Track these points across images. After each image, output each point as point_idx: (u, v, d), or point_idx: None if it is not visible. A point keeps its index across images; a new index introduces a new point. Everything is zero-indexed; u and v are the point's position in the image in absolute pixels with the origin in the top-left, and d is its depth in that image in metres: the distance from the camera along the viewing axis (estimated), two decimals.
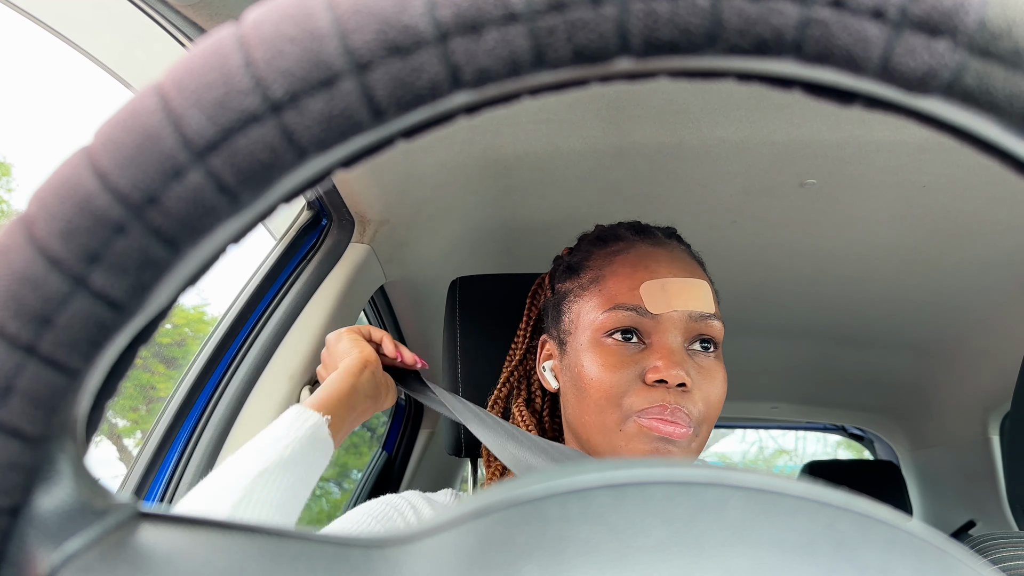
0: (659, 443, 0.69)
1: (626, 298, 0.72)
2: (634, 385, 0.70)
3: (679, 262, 0.75)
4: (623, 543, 0.17)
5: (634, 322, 0.71)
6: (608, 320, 0.72)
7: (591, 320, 0.73)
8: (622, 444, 0.70)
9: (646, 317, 0.71)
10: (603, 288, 0.74)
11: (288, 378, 1.03)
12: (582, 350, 0.74)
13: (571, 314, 0.77)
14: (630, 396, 0.70)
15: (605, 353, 0.71)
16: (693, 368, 0.71)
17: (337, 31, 0.17)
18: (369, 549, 0.19)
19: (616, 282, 0.73)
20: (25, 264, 0.17)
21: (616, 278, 0.74)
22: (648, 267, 0.73)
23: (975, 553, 0.73)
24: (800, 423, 2.70)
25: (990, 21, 0.17)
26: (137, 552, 0.18)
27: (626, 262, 0.74)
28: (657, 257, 0.74)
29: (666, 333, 0.71)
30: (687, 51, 0.17)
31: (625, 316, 0.71)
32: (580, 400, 0.73)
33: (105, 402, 0.21)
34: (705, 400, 0.71)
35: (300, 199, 0.20)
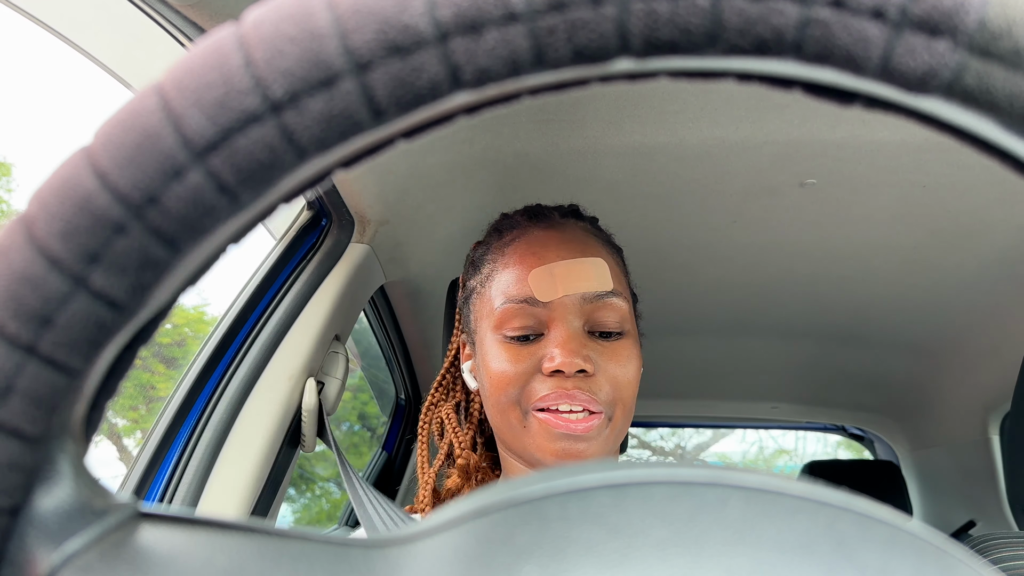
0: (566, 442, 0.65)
1: (516, 290, 0.69)
2: (532, 376, 0.68)
3: (571, 242, 0.71)
4: (623, 543, 0.17)
5: (527, 314, 0.68)
6: (502, 315, 0.69)
7: (488, 317, 0.71)
8: (528, 442, 0.68)
9: (538, 307, 0.68)
10: (497, 282, 0.71)
11: (288, 378, 1.03)
12: (484, 348, 0.72)
13: (475, 312, 0.75)
14: (529, 387, 0.67)
15: (502, 348, 0.69)
16: (596, 351, 0.68)
17: (337, 31, 0.17)
18: (369, 549, 0.19)
19: (507, 274, 0.71)
20: (25, 264, 0.17)
21: (507, 270, 0.71)
22: (536, 253, 0.70)
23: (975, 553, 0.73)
24: (800, 423, 2.70)
25: (990, 21, 0.17)
26: (137, 552, 0.18)
27: (516, 251, 0.72)
28: (547, 241, 0.71)
29: (561, 320, 0.68)
30: (687, 51, 0.17)
31: (517, 309, 0.68)
32: (487, 399, 0.72)
33: (105, 402, 0.21)
34: (612, 382, 0.68)
35: (300, 199, 0.20)
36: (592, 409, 0.66)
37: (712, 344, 1.96)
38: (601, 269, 0.69)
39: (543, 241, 0.71)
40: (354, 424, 2.79)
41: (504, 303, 0.69)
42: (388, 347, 1.62)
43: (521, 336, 0.69)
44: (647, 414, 2.51)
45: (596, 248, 0.73)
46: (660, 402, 2.41)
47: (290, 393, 1.03)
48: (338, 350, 1.14)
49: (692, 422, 3.21)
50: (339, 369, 1.13)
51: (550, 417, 0.66)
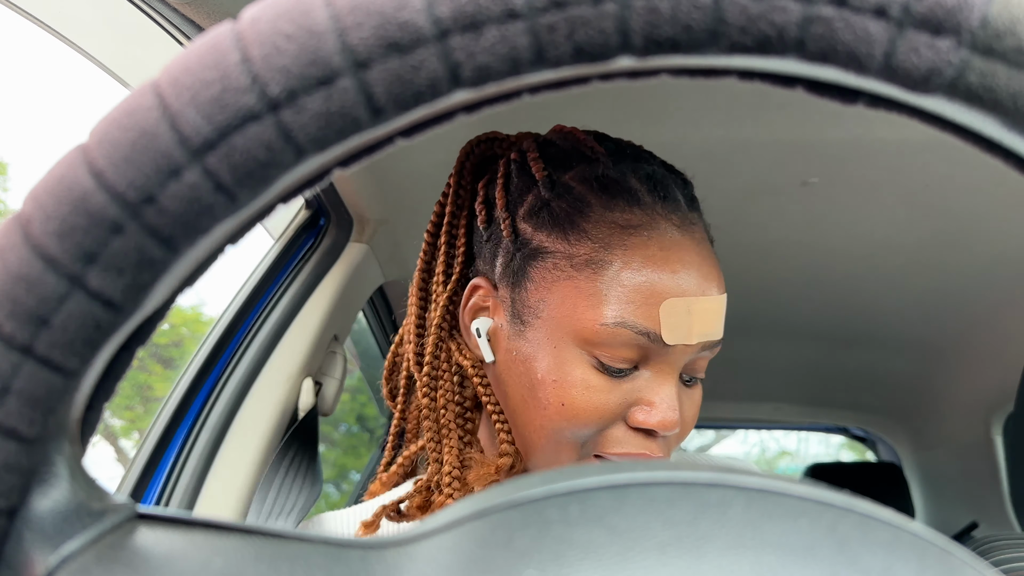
0: None
1: (640, 317, 0.52)
2: (613, 423, 0.54)
3: (707, 263, 0.56)
4: (624, 546, 0.17)
5: (638, 347, 0.53)
6: (607, 337, 0.53)
7: (579, 320, 0.54)
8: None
9: (656, 344, 0.53)
10: (610, 284, 0.53)
11: (286, 378, 1.03)
12: (555, 353, 0.55)
13: (545, 289, 0.56)
14: (604, 434, 0.55)
15: (586, 372, 0.54)
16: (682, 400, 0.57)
17: (335, 28, 0.17)
18: (367, 551, 0.19)
19: (631, 286, 0.53)
20: (21, 264, 0.17)
21: (631, 278, 0.53)
22: (675, 272, 0.53)
23: (978, 555, 0.73)
24: (802, 424, 2.70)
25: (993, 19, 0.17)
26: (134, 554, 0.18)
27: (646, 255, 0.53)
28: (684, 254, 0.54)
29: (670, 367, 0.55)
30: (689, 49, 0.17)
31: (631, 339, 0.52)
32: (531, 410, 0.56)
33: (102, 403, 0.20)
34: (682, 436, 0.58)
35: (298, 198, 0.20)
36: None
37: None
38: (724, 311, 0.56)
39: (680, 253, 0.54)
40: (352, 425, 2.79)
41: (619, 325, 0.52)
42: (387, 348, 1.61)
43: (619, 369, 0.54)
44: None
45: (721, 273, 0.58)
46: None
47: (288, 394, 1.03)
48: (336, 350, 1.14)
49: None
50: (337, 369, 1.13)
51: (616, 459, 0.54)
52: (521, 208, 0.58)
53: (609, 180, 0.57)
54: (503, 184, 0.61)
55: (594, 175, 0.57)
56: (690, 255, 0.55)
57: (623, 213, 0.55)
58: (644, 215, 0.55)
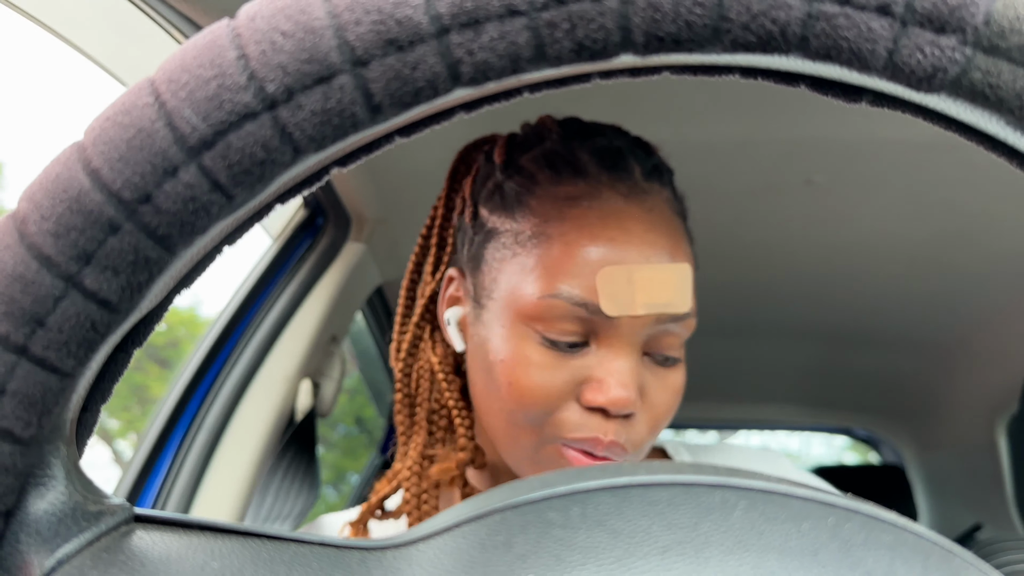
0: None
1: (575, 285, 0.50)
2: (564, 402, 0.52)
3: (658, 231, 0.53)
4: (625, 548, 0.17)
5: (578, 319, 0.51)
6: (542, 310, 0.51)
7: (520, 296, 0.52)
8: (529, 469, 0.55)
9: (598, 316, 0.50)
10: (544, 256, 0.52)
11: (284, 379, 1.03)
12: (501, 329, 0.53)
13: (495, 268, 0.55)
14: (557, 416, 0.52)
15: (530, 348, 0.52)
16: (648, 379, 0.53)
17: (333, 25, 0.16)
18: (366, 552, 0.19)
19: (564, 255, 0.51)
20: (16, 263, 0.17)
21: (565, 248, 0.51)
22: (613, 239, 0.51)
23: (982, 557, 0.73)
24: (806, 425, 2.70)
25: (997, 17, 0.17)
26: (131, 556, 0.18)
27: (583, 223, 0.52)
28: (627, 222, 0.52)
29: (620, 341, 0.51)
30: (691, 46, 0.17)
31: (567, 311, 0.50)
32: (492, 395, 0.54)
33: (98, 404, 0.20)
34: (652, 421, 0.54)
35: (296, 198, 0.20)
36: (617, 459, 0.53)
37: (716, 345, 1.96)
38: (686, 280, 0.52)
39: (623, 220, 0.52)
40: (350, 427, 2.79)
41: (551, 296, 0.51)
42: (386, 349, 1.61)
43: (568, 343, 0.52)
44: None
45: (683, 242, 0.55)
46: None
47: (285, 395, 1.02)
48: (334, 351, 1.14)
49: (696, 424, 3.21)
50: (335, 370, 1.13)
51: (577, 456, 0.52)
52: (482, 193, 0.58)
53: (556, 155, 0.56)
54: (474, 175, 0.61)
55: (544, 151, 0.56)
56: (634, 223, 0.52)
57: (567, 186, 0.54)
58: (587, 186, 0.53)
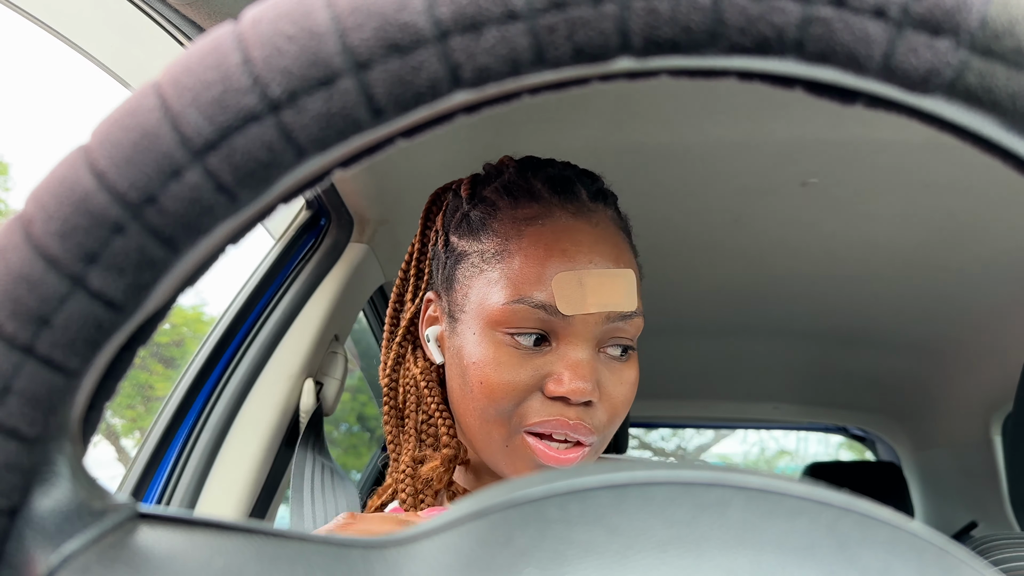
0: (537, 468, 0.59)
1: (534, 291, 0.58)
2: (530, 394, 0.59)
3: (604, 242, 0.61)
4: (624, 544, 0.17)
5: (538, 320, 0.59)
6: (508, 315, 0.59)
7: (488, 306, 0.60)
8: (503, 462, 0.61)
9: (555, 317, 0.58)
10: (507, 269, 0.60)
11: (287, 378, 1.03)
12: (473, 337, 0.61)
13: (465, 285, 0.63)
14: (524, 407, 0.59)
15: (498, 350, 0.59)
16: (604, 374, 0.61)
17: (336, 29, 0.17)
18: (368, 550, 0.19)
19: (524, 266, 0.59)
20: (23, 264, 0.17)
21: (524, 260, 0.59)
22: (565, 251, 0.59)
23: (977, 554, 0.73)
24: (801, 424, 2.70)
25: (992, 20, 0.17)
26: (135, 553, 0.18)
27: (539, 239, 0.60)
28: (577, 235, 0.60)
29: (577, 339, 0.59)
30: (688, 50, 0.17)
31: (529, 313, 0.58)
32: (466, 397, 0.62)
33: (103, 403, 0.20)
34: (612, 408, 0.61)
35: (299, 199, 0.20)
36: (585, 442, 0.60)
37: (713, 344, 1.96)
38: (630, 284, 0.60)
39: (573, 234, 0.61)
40: (353, 425, 2.79)
41: (515, 301, 0.59)
42: None
43: (527, 343, 0.60)
44: (647, 414, 2.51)
45: (627, 252, 0.64)
46: (661, 403, 2.41)
47: (289, 393, 1.03)
48: (337, 350, 1.14)
49: (693, 423, 3.21)
50: (338, 369, 1.13)
51: (539, 445, 0.59)
52: (452, 223, 0.67)
53: (514, 184, 0.65)
54: (444, 210, 0.71)
55: (504, 182, 0.66)
56: (583, 235, 0.61)
57: (524, 209, 0.62)
58: (541, 207, 0.62)
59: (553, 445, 0.59)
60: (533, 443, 0.59)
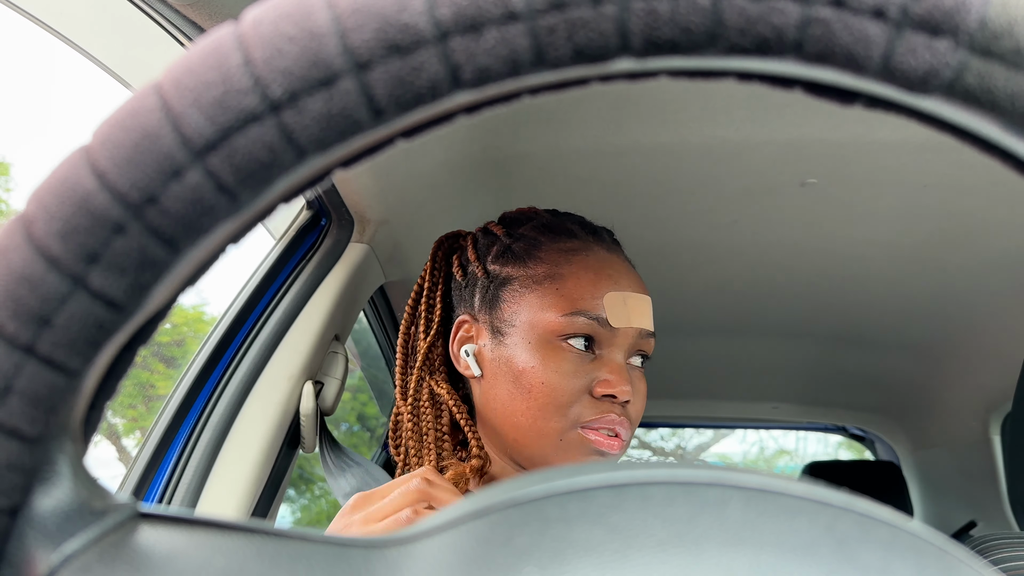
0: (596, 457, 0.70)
1: (589, 305, 0.71)
2: (583, 396, 0.70)
3: (633, 274, 0.76)
4: (623, 543, 0.17)
5: (593, 332, 0.71)
6: (568, 325, 0.70)
7: (546, 320, 0.71)
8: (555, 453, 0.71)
9: (604, 328, 0.71)
10: (562, 288, 0.72)
11: (287, 378, 1.03)
12: (531, 348, 0.72)
13: (515, 304, 0.74)
14: (578, 406, 0.70)
15: (559, 358, 0.71)
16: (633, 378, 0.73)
17: (336, 30, 0.17)
18: (369, 550, 0.19)
19: (578, 286, 0.72)
20: (24, 264, 0.17)
21: (578, 281, 0.72)
22: (611, 276, 0.73)
23: (976, 553, 0.72)
24: (801, 423, 2.70)
25: (991, 20, 0.17)
26: (136, 552, 0.18)
27: (587, 266, 0.73)
28: (616, 266, 0.74)
29: (618, 347, 0.72)
30: (688, 50, 0.17)
31: (586, 324, 0.70)
32: (518, 399, 0.71)
33: (104, 402, 0.20)
34: (636, 411, 0.73)
35: (299, 199, 0.20)
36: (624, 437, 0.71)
37: (712, 344, 1.96)
38: (650, 308, 0.75)
39: (614, 264, 0.74)
40: (353, 424, 2.79)
41: (573, 314, 0.71)
42: (388, 347, 1.62)
43: (582, 349, 0.71)
44: (647, 414, 2.50)
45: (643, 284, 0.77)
46: (660, 402, 2.41)
47: (290, 393, 1.03)
48: (337, 350, 1.14)
49: (692, 422, 3.21)
50: (338, 369, 1.13)
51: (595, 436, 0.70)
52: (489, 256, 0.79)
53: (553, 224, 0.78)
54: (472, 245, 0.82)
55: (541, 223, 0.79)
56: (619, 266, 0.75)
57: (566, 243, 0.76)
58: (580, 243, 0.76)
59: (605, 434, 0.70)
60: (591, 435, 0.70)
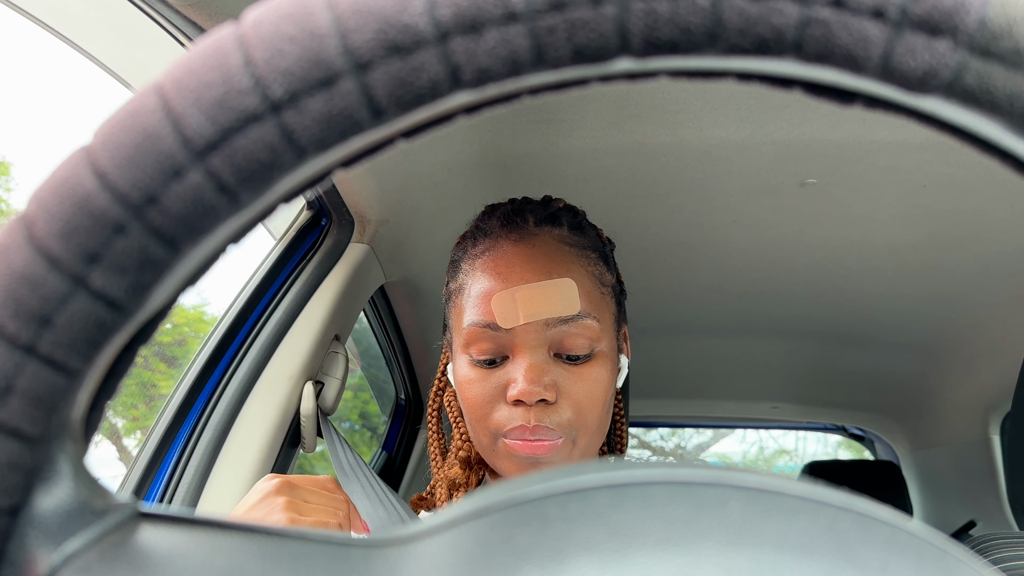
0: (528, 464, 0.66)
1: (480, 314, 0.67)
2: (497, 403, 0.67)
3: (539, 259, 0.68)
4: (623, 543, 0.17)
5: (490, 338, 0.67)
6: (468, 336, 0.68)
7: (459, 332, 0.70)
8: (495, 461, 0.69)
9: (501, 332, 0.66)
10: (467, 297, 0.70)
11: (288, 378, 1.03)
12: (456, 362, 0.72)
13: (451, 318, 0.74)
14: (495, 415, 0.67)
15: (470, 369, 0.69)
16: (562, 375, 0.67)
17: (337, 30, 0.17)
18: (369, 549, 0.19)
19: (475, 292, 0.69)
20: (24, 264, 0.17)
21: (476, 286, 0.69)
22: (501, 274, 0.68)
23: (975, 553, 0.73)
24: (800, 423, 2.70)
25: (991, 20, 0.17)
26: (137, 552, 0.18)
27: (485, 268, 0.69)
28: (512, 260, 0.68)
29: (523, 347, 0.66)
30: (687, 51, 0.17)
31: (480, 333, 0.67)
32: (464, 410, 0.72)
33: (105, 402, 0.21)
34: (575, 407, 0.67)
35: (300, 199, 0.20)
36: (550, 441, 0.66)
37: (712, 344, 1.96)
38: (568, 291, 0.66)
39: (509, 259, 0.69)
40: (355, 423, 2.79)
41: (470, 324, 0.68)
42: (388, 347, 1.62)
43: (486, 360, 0.68)
44: (647, 414, 2.51)
45: (566, 264, 0.69)
46: (660, 402, 2.41)
47: (290, 393, 1.03)
48: (338, 350, 1.14)
49: (692, 422, 3.21)
50: (339, 369, 1.13)
51: (515, 442, 0.66)
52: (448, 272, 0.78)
53: (476, 227, 0.75)
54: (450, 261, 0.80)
55: (469, 228, 0.77)
56: (519, 259, 0.69)
57: (478, 244, 0.72)
58: (490, 242, 0.71)
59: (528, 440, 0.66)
60: (510, 442, 0.67)
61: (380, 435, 1.90)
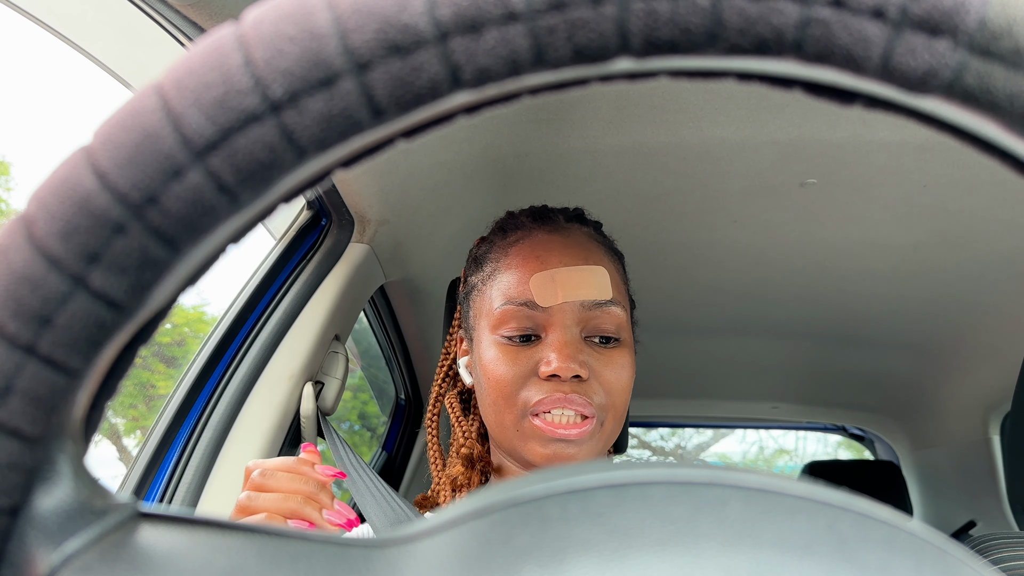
0: (556, 445, 0.67)
1: (517, 292, 0.70)
2: (528, 380, 0.69)
3: (574, 248, 0.73)
4: (623, 543, 0.17)
5: (526, 317, 0.70)
6: (501, 316, 0.71)
7: (487, 316, 0.72)
8: (520, 445, 0.70)
9: (537, 311, 0.69)
10: (498, 282, 0.73)
11: (288, 378, 1.03)
12: (482, 346, 0.73)
13: (475, 309, 0.76)
14: (525, 391, 0.69)
15: (500, 348, 0.70)
16: (592, 357, 0.70)
17: (337, 30, 0.17)
18: (369, 549, 0.19)
19: (509, 275, 0.72)
20: (24, 264, 0.17)
21: (509, 271, 0.72)
22: (539, 257, 0.71)
23: (975, 553, 0.73)
24: (800, 423, 2.70)
25: (991, 20, 0.17)
26: (137, 552, 0.18)
27: (520, 253, 0.73)
28: (550, 245, 0.72)
29: (559, 325, 0.69)
30: (687, 51, 0.17)
31: (516, 311, 0.70)
32: (486, 398, 0.72)
33: (105, 402, 0.21)
34: (606, 387, 0.69)
35: (300, 199, 0.20)
36: (585, 414, 0.68)
37: (712, 344, 1.96)
38: (602, 277, 0.70)
39: (546, 244, 0.73)
40: (354, 424, 2.79)
41: (504, 304, 0.70)
42: (388, 347, 1.62)
43: (519, 337, 0.70)
44: (647, 414, 2.51)
45: (599, 255, 0.74)
46: (660, 402, 2.41)
47: (290, 393, 1.03)
48: (338, 350, 1.14)
49: (692, 422, 3.21)
50: (339, 369, 1.13)
51: (543, 424, 0.67)
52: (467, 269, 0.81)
53: (506, 223, 0.79)
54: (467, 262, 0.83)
55: (498, 224, 0.80)
56: (557, 245, 0.73)
57: (510, 236, 0.76)
58: (522, 233, 0.75)
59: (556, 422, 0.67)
60: (539, 423, 0.68)
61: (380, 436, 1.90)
